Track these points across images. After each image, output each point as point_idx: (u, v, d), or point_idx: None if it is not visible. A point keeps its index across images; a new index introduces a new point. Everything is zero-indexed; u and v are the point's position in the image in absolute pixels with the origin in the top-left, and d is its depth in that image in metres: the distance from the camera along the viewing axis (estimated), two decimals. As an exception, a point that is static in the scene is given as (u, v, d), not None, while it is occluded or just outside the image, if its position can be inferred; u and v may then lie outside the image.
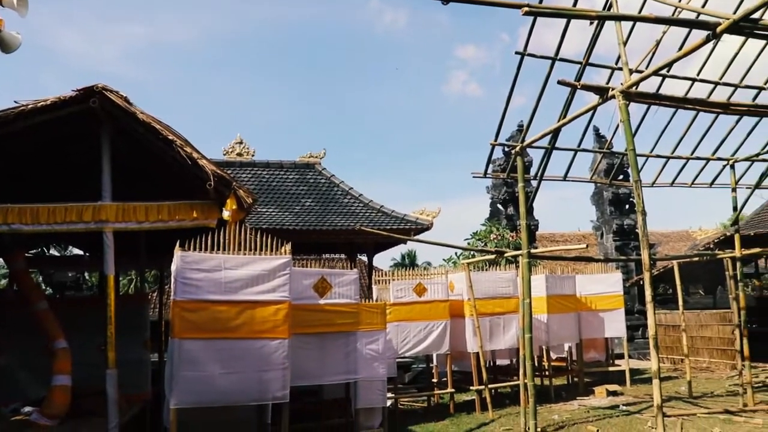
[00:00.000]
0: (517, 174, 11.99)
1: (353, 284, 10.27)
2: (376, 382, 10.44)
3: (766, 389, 14.80)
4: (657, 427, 7.81)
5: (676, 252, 34.02)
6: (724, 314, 19.59)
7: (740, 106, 10.15)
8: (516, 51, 10.83)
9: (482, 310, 13.69)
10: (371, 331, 10.33)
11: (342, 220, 17.16)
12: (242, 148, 19.75)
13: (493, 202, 29.30)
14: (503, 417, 12.71)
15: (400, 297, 13.13)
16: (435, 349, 13.57)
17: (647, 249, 7.96)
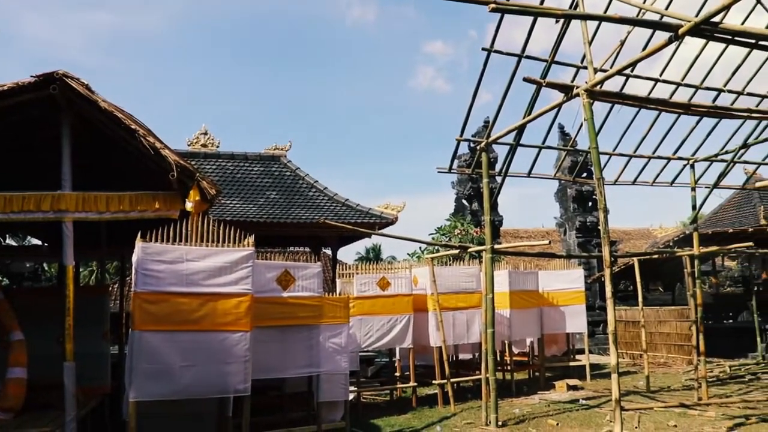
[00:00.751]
0: (482, 170, 12.06)
1: (317, 277, 10.23)
2: (339, 376, 10.41)
3: (720, 383, 15.14)
4: (615, 420, 7.93)
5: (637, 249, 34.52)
6: (682, 311, 19.96)
7: (700, 107, 10.32)
8: (483, 47, 10.89)
9: (445, 305, 13.75)
10: (334, 324, 10.29)
11: (306, 213, 17.11)
12: (207, 139, 19.56)
13: (458, 197, 29.45)
14: (465, 411, 12.79)
15: (364, 291, 13.12)
16: (398, 343, 13.59)
17: (608, 246, 8.06)
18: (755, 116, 10.94)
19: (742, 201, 23.61)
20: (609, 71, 9.16)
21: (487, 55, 10.85)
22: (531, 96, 11.03)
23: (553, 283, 16.92)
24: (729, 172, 14.56)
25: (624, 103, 9.76)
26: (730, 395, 13.37)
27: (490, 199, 12.19)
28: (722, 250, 16.55)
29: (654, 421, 10.96)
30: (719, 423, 10.58)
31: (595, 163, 8.34)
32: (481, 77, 11.17)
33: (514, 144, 12.10)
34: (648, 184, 14.56)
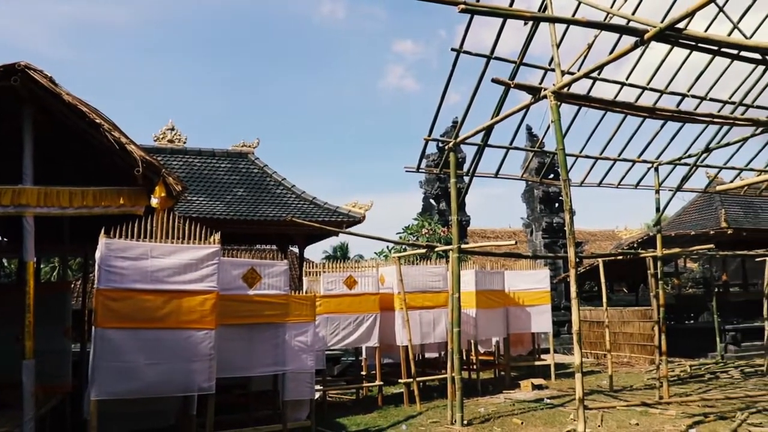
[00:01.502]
0: (450, 170, 12.11)
1: (283, 275, 10.18)
2: (305, 375, 10.37)
3: (680, 383, 15.41)
4: (578, 419, 8.01)
5: (602, 250, 34.94)
6: (645, 311, 20.26)
7: (665, 111, 10.47)
8: (452, 48, 10.94)
9: (412, 304, 13.78)
10: (300, 322, 10.25)
11: (274, 210, 17.00)
12: (174, 134, 19.33)
13: (425, 197, 29.50)
14: (431, 410, 12.83)
15: (331, 289, 13.09)
16: (364, 342, 13.59)
17: (573, 247, 8.14)
18: (717, 121, 11.15)
19: (704, 204, 24.00)
20: (576, 74, 9.24)
21: (457, 55, 10.90)
22: (499, 97, 11.12)
23: (519, 283, 17.03)
24: (692, 175, 14.88)
25: (590, 106, 9.87)
26: (690, 394, 13.61)
27: (458, 199, 12.24)
28: (684, 252, 16.83)
29: (616, 420, 11.12)
30: (679, 421, 10.78)
31: (561, 165, 8.41)
32: (450, 77, 11.23)
33: (482, 144, 12.17)
34: (613, 186, 14.75)
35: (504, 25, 10.62)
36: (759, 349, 18.84)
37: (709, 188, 17.09)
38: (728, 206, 22.18)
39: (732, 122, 11.29)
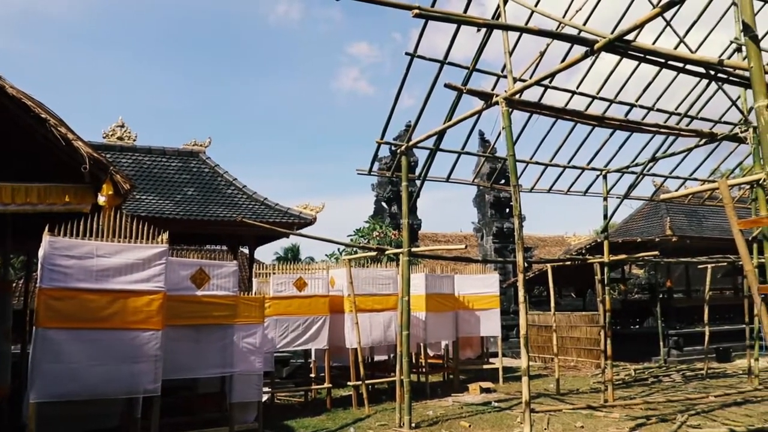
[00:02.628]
0: (402, 173, 12.15)
1: (232, 276, 10.08)
2: (253, 376, 10.29)
3: (625, 386, 15.71)
4: (524, 422, 8.10)
5: (551, 256, 35.36)
6: (592, 316, 20.59)
7: (614, 120, 10.68)
8: (406, 52, 10.97)
9: (362, 306, 13.78)
10: (249, 324, 10.17)
11: (224, 210, 16.83)
12: (123, 131, 18.97)
13: (377, 199, 29.54)
14: (379, 412, 12.83)
15: (280, 291, 13.02)
16: (313, 344, 13.54)
17: (522, 252, 8.24)
18: (663, 132, 11.43)
19: (650, 212, 24.51)
20: (528, 81, 9.37)
21: (410, 59, 10.94)
22: (452, 102, 11.19)
23: (469, 287, 17.16)
24: (639, 183, 15.22)
25: (541, 113, 10.00)
26: (634, 397, 13.89)
27: (409, 203, 12.28)
28: (630, 259, 17.15)
29: (562, 423, 11.27)
30: (623, 424, 11.00)
31: (511, 171, 8.51)
32: (403, 81, 11.26)
33: (434, 148, 12.25)
34: (563, 193, 14.98)
35: (458, 31, 10.71)
36: (700, 353, 19.34)
37: (655, 196, 17.47)
38: (673, 214, 22.68)
39: (677, 133, 11.59)
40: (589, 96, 12.92)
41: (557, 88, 12.49)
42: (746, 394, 14.06)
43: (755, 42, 5.14)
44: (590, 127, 12.40)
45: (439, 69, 11.13)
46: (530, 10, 9.87)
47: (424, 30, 10.62)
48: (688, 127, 12.41)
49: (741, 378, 16.66)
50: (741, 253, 5.58)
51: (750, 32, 5.14)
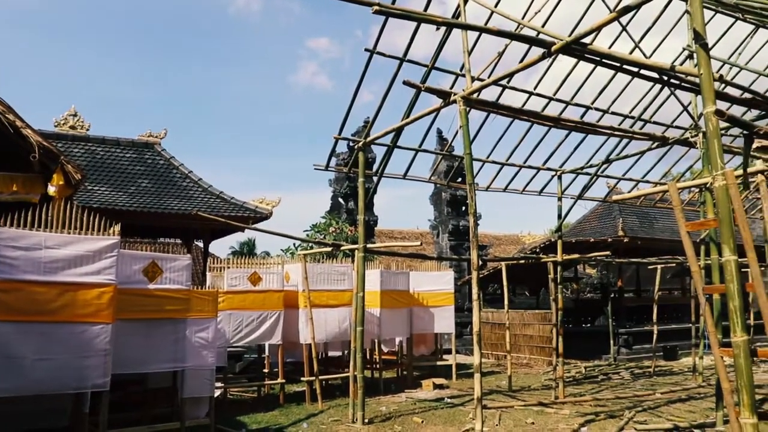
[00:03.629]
0: (359, 169, 12.15)
1: (185, 270, 9.96)
2: (205, 371, 10.19)
3: (575, 383, 15.97)
4: (476, 418, 8.17)
5: (506, 254, 35.76)
6: (545, 314, 20.88)
7: (569, 121, 10.81)
8: (366, 48, 10.96)
9: (316, 302, 13.74)
10: (202, 318, 10.07)
11: (179, 203, 16.64)
12: (76, 120, 18.61)
13: (334, 195, 29.47)
14: (333, 408, 12.84)
15: (235, 285, 12.92)
16: (267, 339, 13.48)
17: (476, 249, 8.31)
18: (617, 134, 11.63)
19: (603, 213, 24.93)
20: (486, 81, 9.43)
21: (370, 56, 10.93)
22: (410, 99, 11.21)
23: (424, 284, 17.24)
24: (593, 184, 15.46)
25: (499, 113, 10.08)
26: (584, 394, 14.13)
27: (366, 199, 12.30)
28: (583, 258, 17.45)
29: (514, 419, 11.42)
30: (572, 420, 11.20)
31: (467, 169, 8.56)
32: (362, 78, 11.25)
33: (392, 145, 12.27)
34: (518, 192, 15.14)
35: (418, 28, 10.72)
36: (648, 351, 19.76)
37: (608, 198, 17.77)
38: (625, 216, 23.10)
39: (631, 136, 11.80)
40: (546, 97, 13.08)
41: (515, 88, 12.61)
42: (691, 390, 14.43)
43: (705, 50, 5.25)
44: (546, 127, 12.55)
45: (398, 66, 11.15)
46: (490, 10, 9.94)
47: (384, 27, 10.63)
48: (642, 131, 12.65)
49: (686, 375, 17.09)
50: (688, 254, 5.72)
51: (700, 40, 5.26)
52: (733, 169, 5.03)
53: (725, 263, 4.95)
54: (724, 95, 7.72)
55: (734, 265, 4.90)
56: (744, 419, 4.83)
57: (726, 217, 5.02)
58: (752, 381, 4.88)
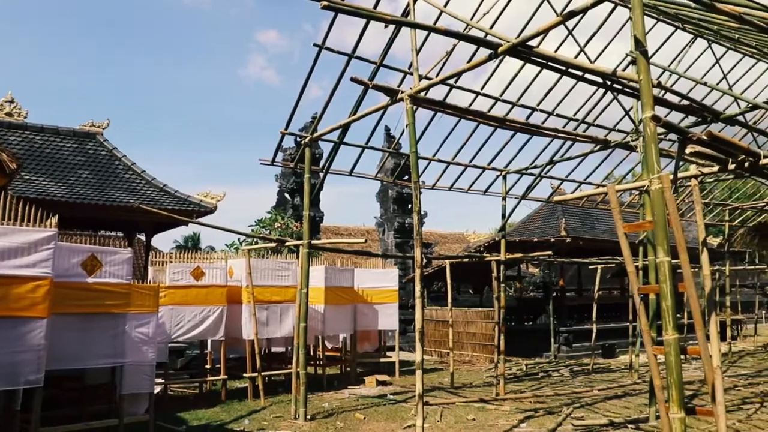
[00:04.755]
0: (305, 164, 12.10)
1: (126, 264, 9.77)
2: (144, 367, 10.01)
3: (516, 380, 16.21)
4: (417, 414, 8.23)
5: (451, 252, 36.05)
6: (488, 312, 21.10)
7: (515, 122, 10.96)
8: (315, 44, 10.91)
9: (260, 298, 13.65)
10: (142, 313, 9.89)
11: (121, 196, 16.30)
12: (13, 107, 18.02)
13: (281, 190, 29.33)
14: (275, 404, 12.79)
15: (177, 280, 12.74)
16: (210, 335, 13.34)
17: (420, 247, 8.36)
18: (561, 136, 11.85)
19: (547, 213, 25.31)
20: (433, 79, 9.49)
21: (318, 51, 10.89)
22: (358, 96, 11.20)
23: (369, 281, 17.27)
24: (537, 185, 15.71)
25: (445, 112, 10.16)
26: (524, 391, 14.35)
27: (312, 195, 12.27)
28: (526, 257, 17.71)
29: (455, 415, 11.53)
30: (512, 416, 11.38)
31: (413, 167, 8.61)
32: (310, 73, 11.20)
33: (338, 142, 12.26)
34: (463, 191, 15.27)
35: (367, 25, 10.72)
36: (587, 349, 20.18)
37: (551, 198, 18.05)
38: (568, 216, 23.49)
39: (574, 138, 12.03)
40: (492, 98, 13.21)
41: (462, 88, 12.71)
42: (626, 387, 14.79)
43: (645, 57, 5.39)
44: (492, 128, 12.69)
45: (346, 62, 11.14)
46: (439, 10, 10.01)
47: (333, 22, 10.59)
48: (585, 133, 12.89)
49: (623, 373, 17.49)
50: (624, 254, 5.86)
51: (641, 47, 5.39)
52: (669, 173, 5.17)
53: (659, 264, 5.10)
54: (663, 101, 7.95)
55: (667, 266, 5.05)
56: (673, 414, 4.98)
57: (661, 220, 5.16)
58: (682, 378, 5.04)
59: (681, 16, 10.89)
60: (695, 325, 5.66)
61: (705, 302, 6.63)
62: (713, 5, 6.19)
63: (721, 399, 5.64)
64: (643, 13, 5.58)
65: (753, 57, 13.96)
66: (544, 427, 10.48)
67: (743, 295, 32.08)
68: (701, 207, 6.87)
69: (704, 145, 4.94)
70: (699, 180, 7.40)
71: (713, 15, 8.19)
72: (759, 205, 19.85)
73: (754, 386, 14.60)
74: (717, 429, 5.63)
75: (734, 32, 10.89)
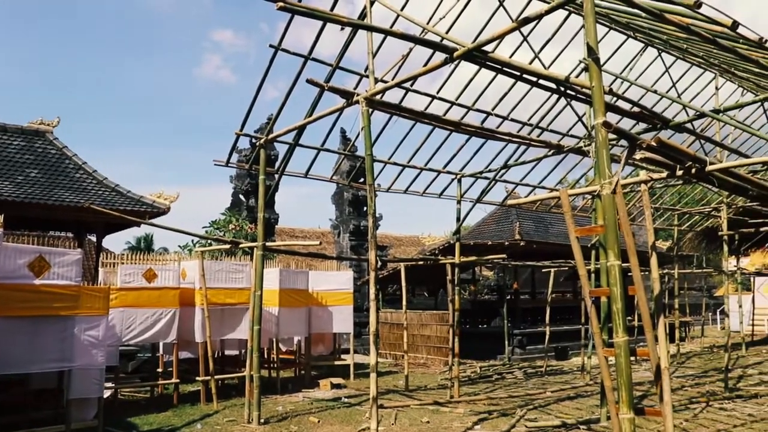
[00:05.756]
0: (260, 166, 12.03)
1: (75, 265, 9.58)
2: (93, 371, 9.82)
3: (470, 383, 16.31)
4: (372, 417, 8.23)
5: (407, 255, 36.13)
6: (443, 315, 21.19)
7: (470, 126, 11.04)
8: (271, 44, 10.84)
9: (213, 300, 13.50)
10: (92, 316, 9.71)
11: (71, 195, 15.97)
12: (-42, 104, 17.54)
13: (235, 192, 29.05)
14: (228, 408, 12.67)
15: (129, 282, 12.52)
16: (162, 338, 13.14)
17: (374, 250, 8.36)
18: (516, 140, 11.98)
19: (502, 216, 25.54)
20: (389, 83, 9.51)
21: (275, 52, 10.83)
22: (314, 98, 11.18)
23: (323, 283, 17.21)
24: (491, 189, 15.86)
25: (401, 115, 10.19)
26: (478, 393, 14.46)
27: (266, 196, 12.19)
28: (480, 260, 17.85)
29: (409, 418, 11.56)
30: (467, 418, 11.45)
31: (368, 170, 8.61)
32: (266, 74, 11.14)
33: (294, 143, 12.21)
34: (419, 194, 15.34)
35: (324, 27, 10.68)
36: (541, 351, 20.38)
37: (506, 202, 18.23)
38: (523, 220, 23.74)
39: (528, 143, 12.17)
40: (448, 102, 13.28)
41: (418, 91, 12.75)
42: (579, 389, 15.01)
43: (597, 64, 5.48)
44: (448, 131, 12.78)
45: (302, 64, 11.09)
46: (396, 13, 10.02)
47: (290, 23, 10.56)
48: (539, 138, 13.05)
49: (576, 374, 17.74)
50: (576, 258, 5.94)
51: (593, 55, 5.48)
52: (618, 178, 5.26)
53: (609, 267, 5.18)
54: (615, 108, 8.09)
55: (618, 269, 5.13)
56: (623, 415, 5.06)
57: (611, 224, 5.25)
58: (631, 379, 5.13)
59: (632, 25, 11.13)
60: (644, 327, 5.77)
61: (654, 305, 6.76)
62: (662, 15, 6.34)
63: (669, 399, 5.76)
64: (595, 22, 5.68)
65: (700, 67, 14.36)
66: (497, 429, 10.57)
67: (691, 297, 32.93)
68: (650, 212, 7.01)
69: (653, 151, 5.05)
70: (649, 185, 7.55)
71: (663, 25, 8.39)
72: (706, 210, 20.39)
73: (701, 386, 14.97)
74: (665, 428, 5.74)
75: (682, 42, 11.18)
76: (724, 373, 14.47)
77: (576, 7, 10.56)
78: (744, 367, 18.79)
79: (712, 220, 23.20)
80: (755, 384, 15.28)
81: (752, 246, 27.55)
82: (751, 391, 14.08)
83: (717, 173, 5.97)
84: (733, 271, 20.94)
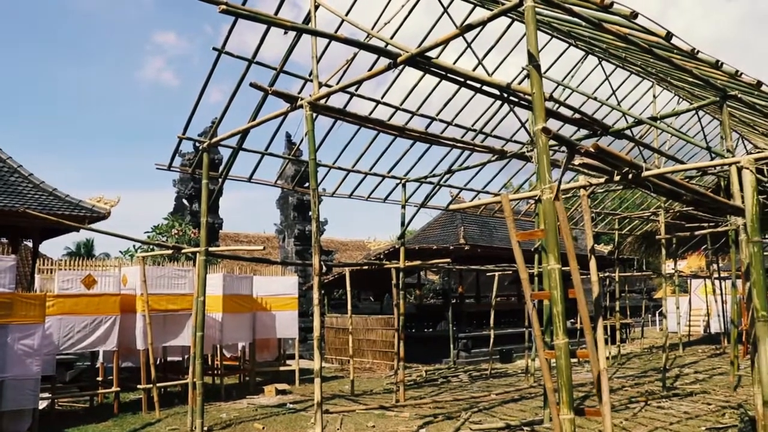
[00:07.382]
0: (203, 170, 11.88)
1: (8, 272, 9.33)
2: (28, 381, 9.56)
3: (416, 387, 16.38)
4: (316, 423, 8.18)
5: (352, 260, 36.11)
6: (388, 319, 21.22)
7: (414, 131, 11.10)
8: (214, 47, 10.71)
9: (155, 306, 13.26)
10: (26, 324, 9.46)
11: (5, 200, 15.49)
12: None
13: (178, 196, 28.59)
14: (171, 416, 12.46)
15: (66, 288, 12.20)
16: (102, 345, 12.84)
17: (319, 255, 8.33)
18: (460, 146, 12.11)
19: (446, 221, 25.73)
20: (333, 87, 9.50)
21: (218, 55, 10.70)
22: (258, 102, 11.09)
23: (268, 288, 17.11)
24: (436, 193, 15.99)
25: (346, 120, 10.18)
26: (424, 397, 14.52)
27: (209, 201, 12.03)
28: (425, 265, 17.96)
29: (355, 423, 11.55)
30: (412, 422, 11.48)
31: (311, 175, 8.58)
32: (209, 77, 10.98)
33: (237, 147, 12.11)
34: (363, 199, 15.38)
35: (268, 31, 10.60)
36: (486, 354, 20.59)
37: (451, 206, 18.38)
38: (467, 224, 23.96)
39: (472, 148, 12.31)
40: (392, 107, 13.34)
41: (363, 96, 12.77)
42: (523, 391, 15.21)
43: (538, 71, 5.57)
44: (392, 136, 12.81)
45: (246, 67, 10.99)
46: (341, 18, 10.03)
47: (233, 26, 10.43)
48: (483, 144, 13.22)
49: (520, 377, 17.98)
50: (517, 262, 6.03)
51: (534, 62, 5.57)
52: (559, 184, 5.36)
53: (549, 271, 5.27)
54: (557, 114, 8.23)
55: (558, 273, 5.22)
56: (563, 416, 5.14)
57: (552, 228, 5.34)
58: (571, 380, 5.22)
59: (573, 33, 11.36)
60: (584, 329, 5.88)
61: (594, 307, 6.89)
62: (601, 25, 6.49)
63: (607, 399, 5.87)
64: (536, 29, 5.77)
65: (639, 75, 14.75)
66: (442, 432, 10.66)
67: (632, 300, 33.69)
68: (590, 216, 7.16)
69: (592, 157, 5.13)
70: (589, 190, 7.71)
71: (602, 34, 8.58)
72: (646, 214, 20.95)
73: (641, 386, 15.35)
74: (604, 428, 5.85)
75: (622, 51, 11.47)
76: (662, 372, 14.90)
77: (518, 14, 10.72)
78: (681, 366, 19.35)
79: (651, 224, 23.84)
80: (691, 382, 15.75)
81: (689, 249, 28.45)
82: (687, 390, 14.52)
83: (653, 179, 6.11)
84: (671, 274, 21.54)
